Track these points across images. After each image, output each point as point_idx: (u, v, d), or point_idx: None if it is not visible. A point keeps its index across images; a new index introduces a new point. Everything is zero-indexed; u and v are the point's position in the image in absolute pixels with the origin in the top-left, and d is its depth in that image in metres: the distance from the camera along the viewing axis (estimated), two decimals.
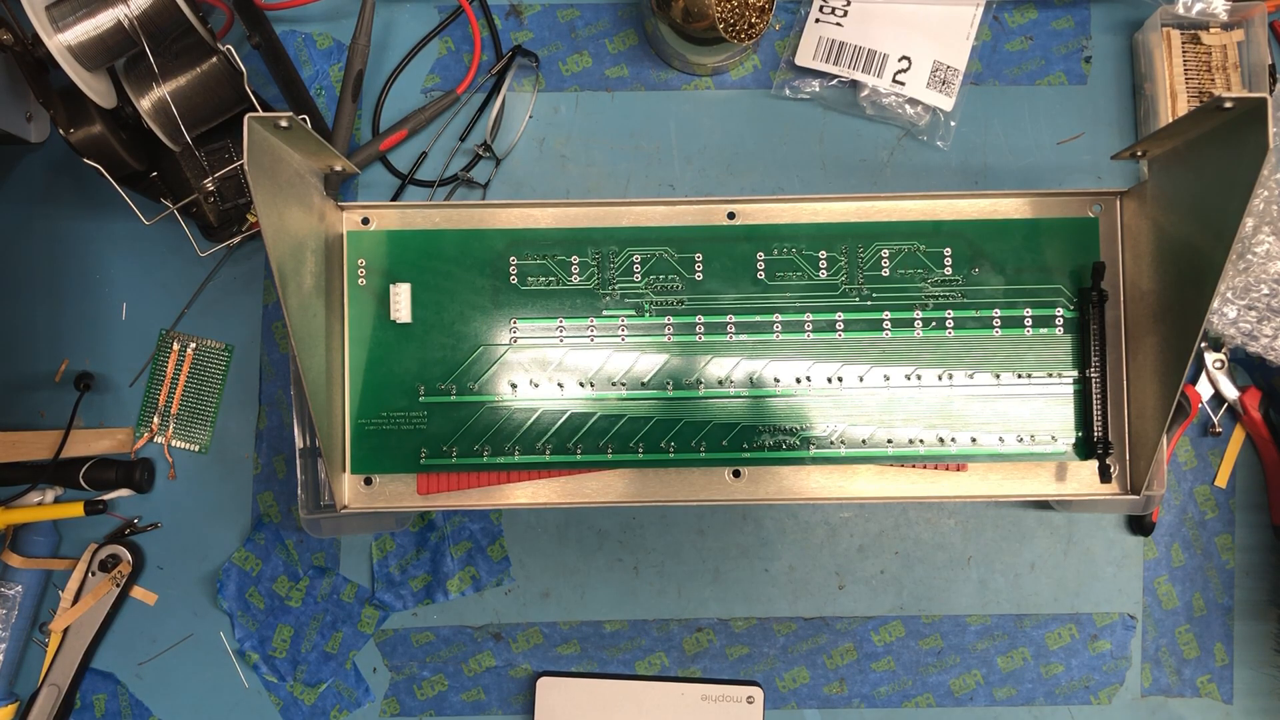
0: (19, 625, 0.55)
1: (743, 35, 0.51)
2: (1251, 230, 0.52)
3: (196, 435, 0.56)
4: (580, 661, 0.56)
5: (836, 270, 0.50)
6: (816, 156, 0.57)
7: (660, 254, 0.50)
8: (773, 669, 0.56)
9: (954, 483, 0.49)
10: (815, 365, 0.49)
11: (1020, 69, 0.57)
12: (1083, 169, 0.56)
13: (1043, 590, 0.56)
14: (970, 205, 0.50)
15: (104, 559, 0.55)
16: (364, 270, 0.49)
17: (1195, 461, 0.56)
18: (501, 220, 0.50)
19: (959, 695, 0.56)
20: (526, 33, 0.57)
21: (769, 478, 0.49)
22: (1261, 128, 0.37)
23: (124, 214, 0.51)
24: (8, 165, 0.57)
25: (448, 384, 0.49)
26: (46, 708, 0.54)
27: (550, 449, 0.49)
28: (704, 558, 0.56)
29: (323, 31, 0.57)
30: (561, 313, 0.50)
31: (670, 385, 0.49)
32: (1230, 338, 0.53)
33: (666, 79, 0.57)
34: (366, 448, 0.49)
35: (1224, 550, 0.56)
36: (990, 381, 0.49)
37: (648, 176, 0.57)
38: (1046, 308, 0.49)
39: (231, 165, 0.52)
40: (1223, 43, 0.54)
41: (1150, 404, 0.46)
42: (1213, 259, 0.40)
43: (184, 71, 0.49)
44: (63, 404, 0.55)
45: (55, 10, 0.46)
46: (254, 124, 0.39)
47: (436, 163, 0.57)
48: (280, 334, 0.56)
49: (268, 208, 0.40)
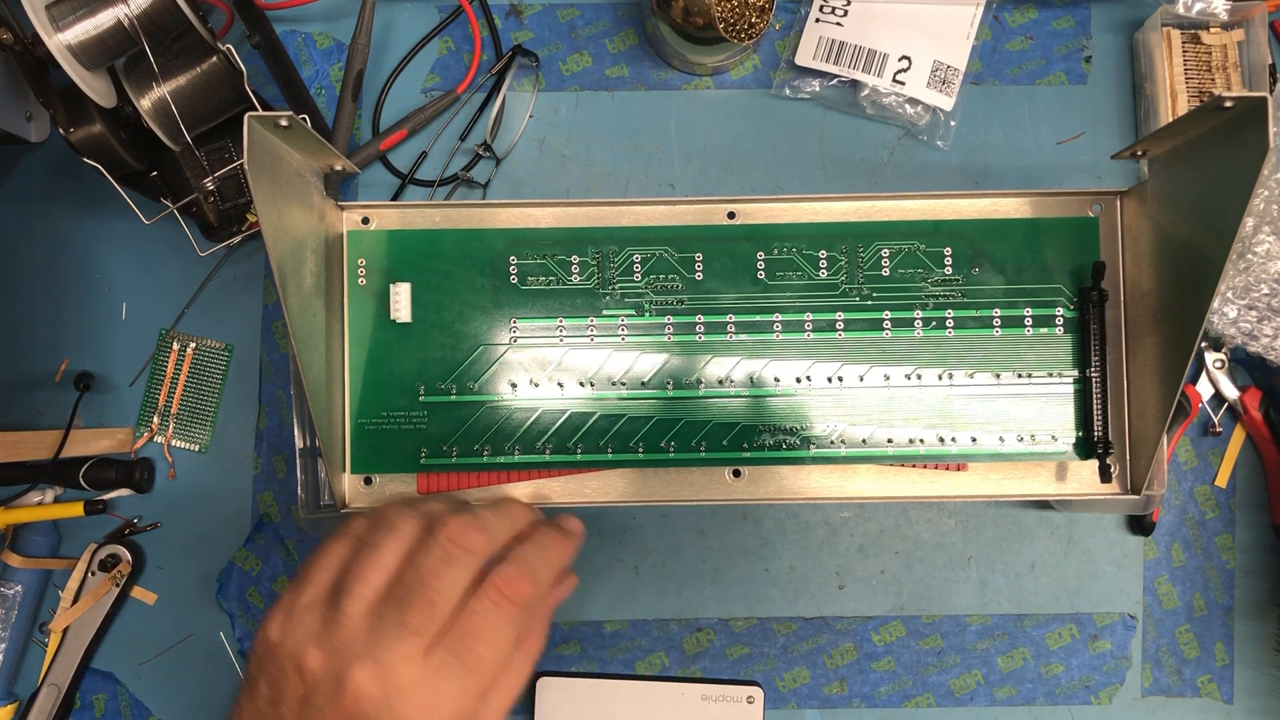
0: (19, 625, 0.55)
1: (743, 35, 0.51)
2: (1251, 230, 0.52)
3: (196, 435, 0.56)
4: (580, 661, 0.56)
5: (836, 270, 0.50)
6: (816, 156, 0.57)
7: (660, 254, 0.50)
8: (773, 669, 0.56)
9: (954, 483, 0.49)
10: (815, 365, 0.49)
11: (1020, 69, 0.57)
12: (1083, 169, 0.56)
13: (1043, 590, 0.56)
14: (970, 205, 0.50)
15: (104, 559, 0.55)
16: (364, 270, 0.49)
17: (1195, 461, 0.56)
18: (501, 220, 0.50)
19: (959, 695, 0.56)
20: (526, 33, 0.57)
21: (769, 478, 0.49)
22: (1261, 128, 0.37)
23: (124, 214, 0.51)
24: (8, 165, 0.57)
25: (448, 384, 0.49)
26: (46, 708, 0.54)
27: (550, 449, 0.49)
28: (704, 558, 0.56)
29: (323, 31, 0.57)
30: (561, 312, 0.50)
31: (670, 385, 0.49)
32: (1230, 338, 0.53)
33: (666, 79, 0.57)
34: (366, 447, 0.49)
35: (1224, 550, 0.56)
36: (990, 381, 0.49)
37: (648, 176, 0.57)
38: (1046, 307, 0.49)
39: (231, 165, 0.52)
40: (1223, 42, 0.54)
41: (1150, 404, 0.46)
42: (1213, 259, 0.40)
43: (184, 71, 0.49)
44: (63, 404, 0.55)
45: (55, 10, 0.46)
46: (254, 123, 0.39)
47: (436, 162, 0.57)
48: (280, 334, 0.56)
49: (268, 207, 0.40)
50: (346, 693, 0.35)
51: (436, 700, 0.36)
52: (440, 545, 0.38)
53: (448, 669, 0.36)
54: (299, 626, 0.37)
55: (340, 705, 0.35)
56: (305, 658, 0.36)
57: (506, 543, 0.41)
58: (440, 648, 0.37)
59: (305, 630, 0.37)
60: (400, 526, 0.39)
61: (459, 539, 0.38)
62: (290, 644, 0.37)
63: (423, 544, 0.38)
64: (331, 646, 0.36)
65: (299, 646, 0.37)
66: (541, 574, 0.40)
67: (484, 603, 0.38)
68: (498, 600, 0.38)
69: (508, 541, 0.41)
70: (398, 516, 0.39)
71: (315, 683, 0.36)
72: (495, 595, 0.38)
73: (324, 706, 0.35)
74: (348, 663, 0.36)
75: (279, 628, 0.38)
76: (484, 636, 0.37)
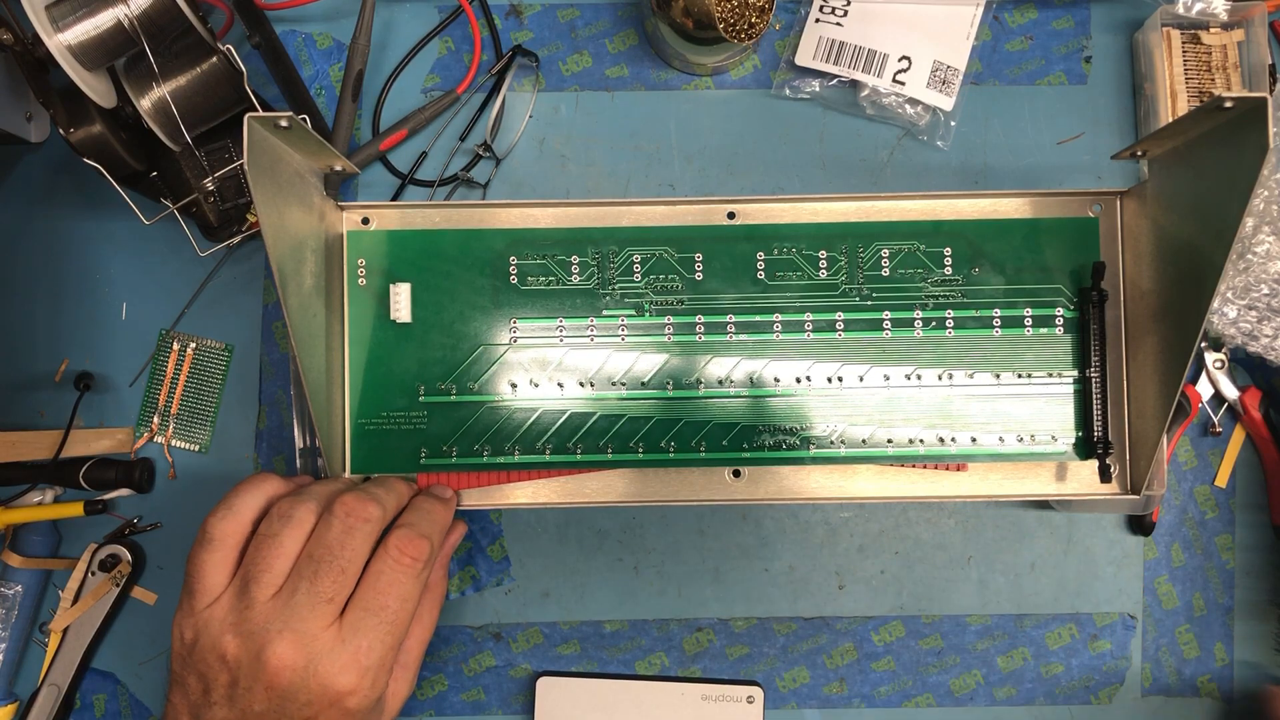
0: (19, 625, 0.55)
1: (743, 35, 0.51)
2: (1251, 230, 0.52)
3: (196, 435, 0.56)
4: (580, 661, 0.56)
5: (836, 270, 0.50)
6: (816, 156, 0.57)
7: (660, 254, 0.50)
8: (773, 669, 0.56)
9: (954, 483, 0.49)
10: (815, 365, 0.49)
11: (1020, 69, 0.57)
12: (1083, 169, 0.57)
13: (1043, 590, 0.56)
14: (970, 205, 0.50)
15: (104, 559, 0.55)
16: (364, 270, 0.49)
17: (1195, 461, 0.56)
18: (501, 220, 0.50)
19: (959, 695, 0.56)
20: (526, 33, 0.57)
21: (769, 478, 0.49)
22: (1261, 128, 0.37)
23: (124, 214, 0.51)
24: (8, 165, 0.57)
25: (448, 384, 0.49)
26: (46, 708, 0.54)
27: (550, 449, 0.49)
28: (704, 558, 0.56)
29: (323, 31, 0.57)
30: (561, 312, 0.50)
31: (670, 385, 0.49)
32: (1230, 338, 0.53)
33: (666, 79, 0.57)
34: (366, 448, 0.49)
35: (1224, 550, 0.56)
36: (990, 381, 0.49)
37: (648, 176, 0.57)
38: (1046, 308, 0.49)
39: (231, 165, 0.52)
40: (1223, 43, 0.54)
41: (1150, 404, 0.46)
42: (1213, 259, 0.40)
43: (184, 71, 0.49)
44: (63, 404, 0.55)
45: (55, 10, 0.46)
46: (254, 124, 0.39)
47: (436, 163, 0.57)
48: (280, 334, 0.56)
49: (268, 208, 0.40)
50: (269, 667, 0.39)
51: (357, 654, 0.40)
52: (340, 519, 0.41)
53: (363, 625, 0.40)
54: (210, 622, 0.40)
55: (265, 680, 0.39)
56: (224, 647, 0.39)
57: (395, 512, 0.44)
58: (354, 608, 0.41)
59: (218, 623, 0.40)
60: (295, 515, 0.42)
61: (356, 511, 0.42)
62: (206, 639, 0.40)
63: (323, 521, 0.42)
64: (247, 631, 0.39)
65: (215, 638, 0.39)
66: (431, 533, 0.44)
67: (387, 562, 0.42)
68: (399, 558, 0.42)
69: (395, 511, 0.45)
70: (290, 505, 0.42)
71: (238, 666, 0.39)
72: (396, 554, 0.42)
73: (251, 686, 0.39)
74: (265, 640, 0.39)
75: (191, 629, 0.41)
76: (394, 590, 0.41)
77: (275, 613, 0.39)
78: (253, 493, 0.43)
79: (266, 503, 0.43)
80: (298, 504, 0.42)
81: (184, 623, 0.41)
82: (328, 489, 0.44)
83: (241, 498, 0.43)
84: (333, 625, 0.40)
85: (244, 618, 0.39)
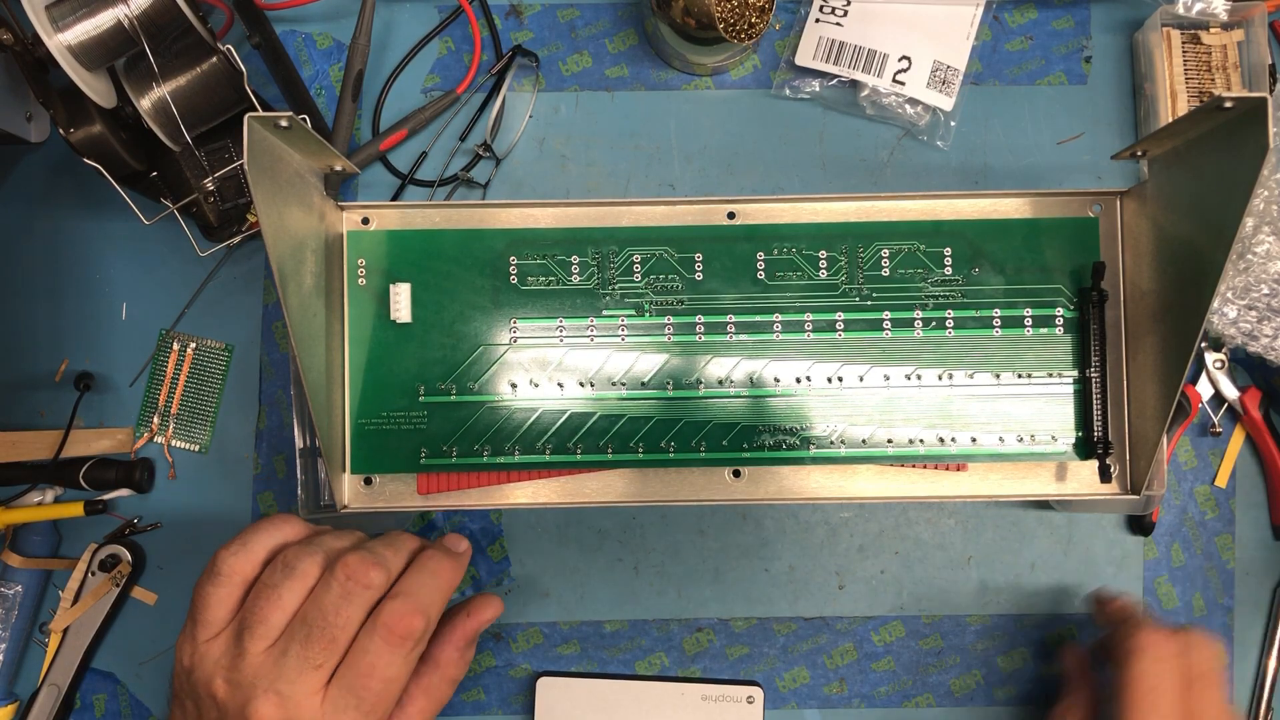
0: (19, 625, 0.55)
1: (743, 35, 0.51)
2: (1251, 230, 0.52)
3: (196, 435, 0.56)
4: (580, 661, 0.56)
5: (836, 270, 0.50)
6: (816, 156, 0.57)
7: (660, 254, 0.50)
8: (773, 669, 0.56)
9: (954, 483, 0.49)
10: (815, 365, 0.49)
11: (1020, 69, 0.57)
12: (1083, 169, 0.57)
13: (1043, 590, 0.56)
14: (970, 205, 0.50)
15: (104, 559, 0.55)
16: (364, 270, 0.49)
17: (1195, 461, 0.56)
18: (501, 220, 0.50)
19: (959, 695, 0.56)
20: (526, 33, 0.57)
21: (769, 478, 0.49)
22: (1261, 128, 0.37)
23: (124, 214, 0.51)
24: (8, 165, 0.57)
25: (448, 384, 0.49)
26: (46, 708, 0.54)
27: (550, 449, 0.49)
28: (704, 558, 0.56)
29: (323, 31, 0.57)
30: (561, 313, 0.50)
31: (670, 385, 0.49)
32: (1230, 338, 0.53)
33: (666, 79, 0.57)
34: (366, 448, 0.49)
35: (1224, 550, 0.56)
36: (990, 381, 0.49)
37: (648, 176, 0.57)
38: (1046, 308, 0.49)
39: (231, 165, 0.52)
40: (1223, 43, 0.54)
41: (1150, 404, 0.46)
42: (1213, 259, 0.40)
43: (184, 71, 0.49)
44: (63, 404, 0.55)
45: (55, 10, 0.46)
46: (254, 124, 0.39)
47: (436, 163, 0.57)
48: (280, 334, 0.56)
49: (268, 208, 0.40)
50: None
51: None
52: (339, 583, 0.40)
53: (342, 703, 0.39)
54: (206, 658, 0.40)
55: None
56: (215, 688, 0.39)
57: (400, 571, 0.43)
58: (337, 683, 0.39)
59: (212, 662, 0.40)
60: (299, 568, 0.41)
61: (357, 576, 0.40)
62: (200, 673, 0.40)
63: (323, 582, 0.40)
64: (236, 680, 0.39)
65: (209, 676, 0.39)
66: (430, 604, 0.42)
67: (374, 640, 0.40)
68: (387, 637, 0.40)
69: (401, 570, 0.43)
70: (295, 557, 0.41)
71: (225, 710, 0.39)
72: (385, 632, 0.40)
73: None
74: (251, 695, 0.38)
75: (188, 656, 0.40)
76: (376, 672, 0.39)
77: (265, 669, 0.39)
78: (270, 533, 0.42)
79: (281, 545, 0.42)
80: (303, 555, 0.41)
81: (185, 647, 0.41)
82: (338, 544, 0.42)
83: (258, 536, 0.42)
84: (318, 692, 0.39)
85: (235, 665, 0.39)
